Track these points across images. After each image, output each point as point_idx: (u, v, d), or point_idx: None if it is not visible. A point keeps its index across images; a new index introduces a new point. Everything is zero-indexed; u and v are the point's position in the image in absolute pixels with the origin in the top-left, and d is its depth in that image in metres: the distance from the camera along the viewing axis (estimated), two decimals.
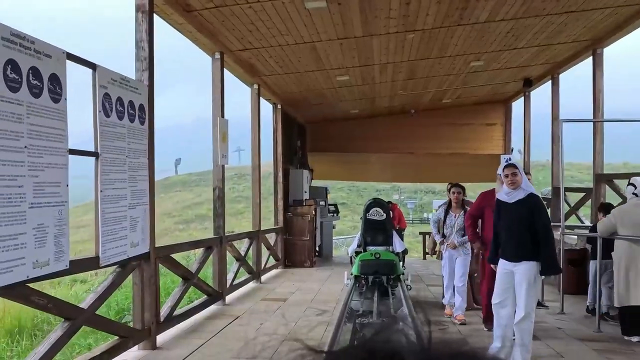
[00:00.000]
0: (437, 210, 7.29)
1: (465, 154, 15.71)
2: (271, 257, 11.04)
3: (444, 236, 6.81)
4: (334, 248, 16.87)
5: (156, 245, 5.24)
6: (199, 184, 65.97)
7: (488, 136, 15.71)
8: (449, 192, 6.98)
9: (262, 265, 9.84)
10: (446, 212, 6.85)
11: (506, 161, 5.06)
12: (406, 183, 68.89)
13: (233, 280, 8.02)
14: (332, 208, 15.91)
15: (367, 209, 7.34)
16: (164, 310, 5.51)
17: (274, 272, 11.02)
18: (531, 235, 4.61)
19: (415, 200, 70.93)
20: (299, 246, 12.17)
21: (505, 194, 4.77)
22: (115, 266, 4.58)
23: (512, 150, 15.56)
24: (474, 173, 17.74)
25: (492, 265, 5.04)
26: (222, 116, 7.40)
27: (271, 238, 11.37)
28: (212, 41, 7.07)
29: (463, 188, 6.95)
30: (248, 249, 9.02)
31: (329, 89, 11.18)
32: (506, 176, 4.90)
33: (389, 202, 16.24)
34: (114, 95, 4.39)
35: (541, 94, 14.11)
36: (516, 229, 4.67)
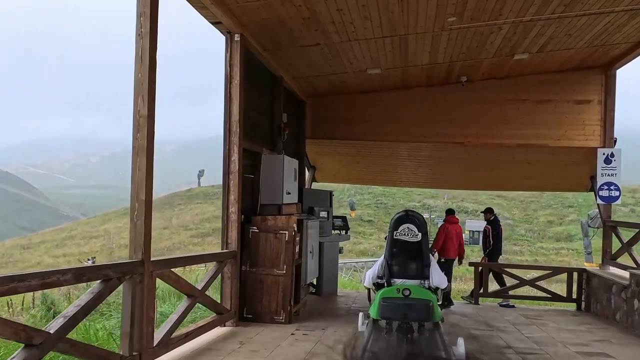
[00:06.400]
0: None
1: (544, 146, 10.36)
2: (202, 309, 5.87)
3: None
4: (340, 281, 11.59)
5: None
6: (220, 196, 62.32)
7: (578, 120, 10.28)
8: None
9: (155, 340, 4.62)
10: None
11: None
12: (438, 200, 62.48)
13: None
14: (338, 222, 10.69)
15: (396, 224, 5.26)
16: None
17: (209, 336, 5.82)
18: None
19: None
20: (269, 285, 6.97)
21: None
22: None
23: (615, 141, 10.21)
24: (557, 178, 12.22)
25: None
26: None
27: (208, 270, 6.22)
28: None
29: None
30: (93, 305, 3.80)
31: (324, 2, 6.03)
32: None
33: (451, 212, 10.14)
34: None
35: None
36: None
